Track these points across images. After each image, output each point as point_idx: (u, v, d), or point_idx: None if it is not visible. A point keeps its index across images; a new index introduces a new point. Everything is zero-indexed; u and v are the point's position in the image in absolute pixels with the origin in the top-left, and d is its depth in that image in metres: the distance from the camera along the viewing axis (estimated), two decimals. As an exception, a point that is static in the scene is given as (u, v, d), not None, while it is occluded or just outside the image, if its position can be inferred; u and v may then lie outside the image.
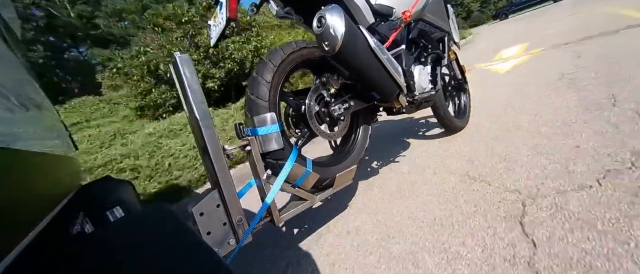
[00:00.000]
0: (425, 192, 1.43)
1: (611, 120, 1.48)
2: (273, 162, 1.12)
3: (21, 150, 0.60)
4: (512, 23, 11.90)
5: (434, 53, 1.66)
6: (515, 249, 0.91)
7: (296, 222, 1.56)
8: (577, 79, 2.27)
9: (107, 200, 0.99)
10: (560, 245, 0.87)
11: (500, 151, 1.56)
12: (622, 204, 0.95)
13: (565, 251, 0.85)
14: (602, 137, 1.36)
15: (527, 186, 1.20)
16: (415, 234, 1.16)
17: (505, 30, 9.28)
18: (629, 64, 2.17)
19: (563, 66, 2.74)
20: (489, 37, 8.81)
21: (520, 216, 1.05)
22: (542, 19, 8.39)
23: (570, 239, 0.88)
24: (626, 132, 1.34)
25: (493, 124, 1.96)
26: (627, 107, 1.55)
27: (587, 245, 0.84)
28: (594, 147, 1.30)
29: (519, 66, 3.49)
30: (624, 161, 1.14)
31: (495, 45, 6.14)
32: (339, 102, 1.33)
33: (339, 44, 1.08)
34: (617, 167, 1.12)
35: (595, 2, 7.27)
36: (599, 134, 1.39)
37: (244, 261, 1.36)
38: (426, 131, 2.34)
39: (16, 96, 0.69)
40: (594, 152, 1.27)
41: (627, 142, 1.25)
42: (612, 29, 3.53)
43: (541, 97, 2.14)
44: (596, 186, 1.06)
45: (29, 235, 0.52)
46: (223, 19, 1.17)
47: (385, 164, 1.94)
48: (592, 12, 5.86)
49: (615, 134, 1.34)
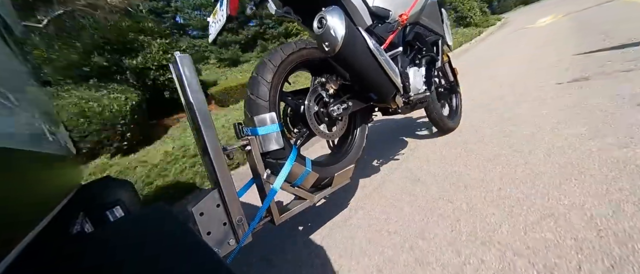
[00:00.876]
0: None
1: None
2: (273, 162, 1.12)
3: (21, 150, 0.60)
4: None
5: (428, 55, 1.71)
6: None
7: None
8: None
9: (107, 200, 0.99)
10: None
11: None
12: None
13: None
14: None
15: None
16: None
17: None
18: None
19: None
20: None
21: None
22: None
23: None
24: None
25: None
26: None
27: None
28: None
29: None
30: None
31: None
32: (337, 103, 1.34)
33: (339, 45, 1.09)
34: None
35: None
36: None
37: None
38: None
39: (16, 96, 0.69)
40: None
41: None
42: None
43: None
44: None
45: (29, 235, 0.52)
46: (223, 16, 1.18)
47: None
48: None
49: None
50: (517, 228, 1.00)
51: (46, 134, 0.89)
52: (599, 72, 2.33)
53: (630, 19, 4.05)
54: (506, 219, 1.06)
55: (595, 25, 4.57)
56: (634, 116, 1.47)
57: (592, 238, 0.86)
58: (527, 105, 2.17)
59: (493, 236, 1.01)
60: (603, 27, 4.09)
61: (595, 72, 2.37)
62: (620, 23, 3.97)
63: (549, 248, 0.88)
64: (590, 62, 2.71)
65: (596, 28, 4.26)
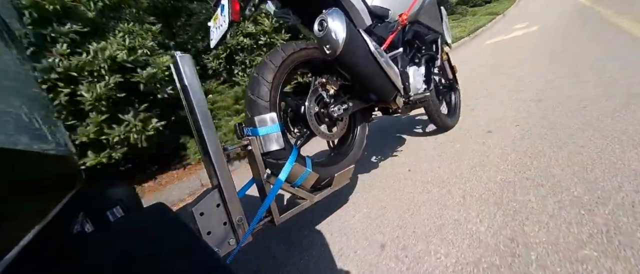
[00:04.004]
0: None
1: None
2: (273, 162, 1.12)
3: (21, 150, 0.60)
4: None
5: (427, 54, 1.71)
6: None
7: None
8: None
9: (107, 200, 0.99)
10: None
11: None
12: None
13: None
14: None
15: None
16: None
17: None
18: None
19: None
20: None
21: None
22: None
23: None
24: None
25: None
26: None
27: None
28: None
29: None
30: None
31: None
32: (338, 103, 1.34)
33: (340, 48, 1.09)
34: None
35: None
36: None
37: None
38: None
39: (15, 96, 0.69)
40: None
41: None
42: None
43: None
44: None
45: (29, 235, 0.52)
46: (225, 22, 1.15)
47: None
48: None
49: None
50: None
51: (46, 134, 0.89)
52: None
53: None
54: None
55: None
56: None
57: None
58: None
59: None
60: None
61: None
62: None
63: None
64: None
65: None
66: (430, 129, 2.22)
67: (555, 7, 7.04)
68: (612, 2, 4.65)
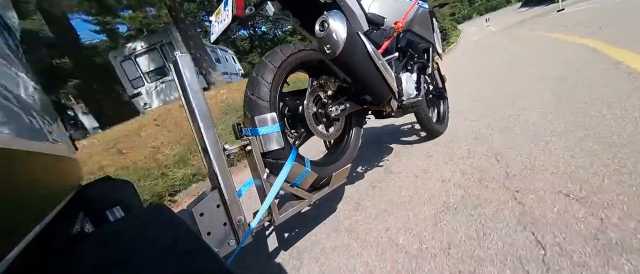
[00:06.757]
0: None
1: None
2: (273, 162, 1.12)
3: (21, 150, 0.60)
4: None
5: (420, 62, 1.77)
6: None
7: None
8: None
9: (107, 200, 0.99)
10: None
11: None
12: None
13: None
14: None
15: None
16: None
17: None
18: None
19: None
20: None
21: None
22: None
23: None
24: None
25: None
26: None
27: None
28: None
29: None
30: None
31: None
32: (335, 104, 1.36)
33: (340, 48, 1.11)
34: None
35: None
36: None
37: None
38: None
39: (16, 96, 0.69)
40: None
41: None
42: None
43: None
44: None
45: (29, 235, 0.52)
46: (228, 16, 1.18)
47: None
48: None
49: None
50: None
51: (46, 134, 0.89)
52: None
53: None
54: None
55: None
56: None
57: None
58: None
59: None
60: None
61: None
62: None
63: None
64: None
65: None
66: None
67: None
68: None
